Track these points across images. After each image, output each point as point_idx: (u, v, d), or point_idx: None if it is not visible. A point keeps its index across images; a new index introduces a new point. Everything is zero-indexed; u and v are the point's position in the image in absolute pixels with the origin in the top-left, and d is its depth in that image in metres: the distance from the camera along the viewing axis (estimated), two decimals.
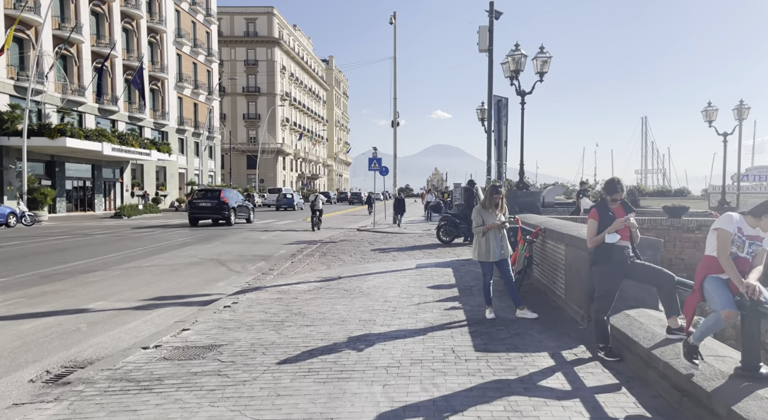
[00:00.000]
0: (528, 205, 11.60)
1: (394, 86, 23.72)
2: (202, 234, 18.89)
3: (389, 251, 13.68)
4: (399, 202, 22.58)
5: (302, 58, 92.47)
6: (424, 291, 8.11)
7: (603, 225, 4.48)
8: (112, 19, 38.58)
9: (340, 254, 13.14)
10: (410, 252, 13.52)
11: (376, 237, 17.65)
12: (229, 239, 16.80)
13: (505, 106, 11.48)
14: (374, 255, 13.02)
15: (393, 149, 23.38)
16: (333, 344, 5.26)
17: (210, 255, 12.98)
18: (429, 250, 13.95)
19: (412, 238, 16.99)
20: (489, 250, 6.17)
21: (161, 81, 45.93)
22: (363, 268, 10.75)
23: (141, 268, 10.89)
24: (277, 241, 16.16)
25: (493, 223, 6.15)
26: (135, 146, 35.80)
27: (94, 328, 6.37)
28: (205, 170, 55.38)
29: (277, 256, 12.93)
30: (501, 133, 11.40)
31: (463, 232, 15.00)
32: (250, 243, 15.69)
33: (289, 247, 14.87)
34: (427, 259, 12.19)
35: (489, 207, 6.23)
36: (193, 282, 9.55)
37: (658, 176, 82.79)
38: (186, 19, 50.82)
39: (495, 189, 6.25)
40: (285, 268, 11.02)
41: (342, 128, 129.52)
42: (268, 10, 78.92)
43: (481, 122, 19.51)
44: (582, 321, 5.77)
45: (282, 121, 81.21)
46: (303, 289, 8.44)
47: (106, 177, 38.16)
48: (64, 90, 33.54)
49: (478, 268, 10.65)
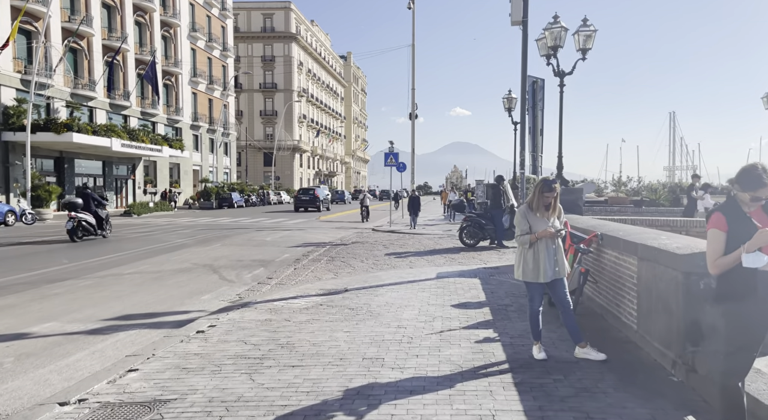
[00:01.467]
0: (568, 204, 9.90)
1: (413, 75, 22.13)
2: (204, 235, 17.58)
3: (405, 256, 12.12)
4: (413, 201, 20.04)
5: (320, 53, 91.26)
6: (448, 311, 6.54)
7: (736, 239, 2.85)
8: (124, 11, 37.66)
9: (350, 259, 11.62)
10: (429, 257, 11.94)
11: (392, 239, 16.10)
12: (231, 241, 15.42)
13: (541, 88, 9.83)
14: (388, 260, 11.48)
15: (411, 143, 21.80)
16: (321, 404, 3.72)
17: (204, 259, 11.58)
18: (451, 254, 12.35)
19: (432, 241, 15.40)
20: (538, 268, 4.56)
21: (175, 76, 45.01)
22: (374, 277, 9.22)
23: (120, 277, 9.52)
24: (282, 244, 14.71)
25: (544, 231, 4.53)
26: (146, 142, 34.83)
27: (21, 364, 4.94)
28: (220, 167, 54.49)
29: (279, 262, 11.47)
30: (536, 121, 9.76)
31: (489, 234, 13.35)
32: (253, 245, 14.27)
33: (294, 250, 13.41)
34: (449, 266, 10.60)
35: (537, 209, 4.61)
36: (174, 294, 8.12)
37: (688, 173, 79.54)
38: (200, 12, 49.86)
39: (547, 185, 4.61)
40: (285, 277, 9.54)
41: (360, 125, 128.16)
42: (285, 5, 77.81)
43: (508, 112, 17.81)
44: (674, 370, 4.13)
45: (299, 117, 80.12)
46: (299, 306, 6.94)
47: (118, 174, 37.32)
48: (74, 84, 32.69)
49: (512, 279, 9.06)
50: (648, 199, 17.80)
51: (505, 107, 17.56)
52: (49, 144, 28.64)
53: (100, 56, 35.11)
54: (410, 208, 20.00)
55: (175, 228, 20.36)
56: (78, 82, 33.06)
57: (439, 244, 14.70)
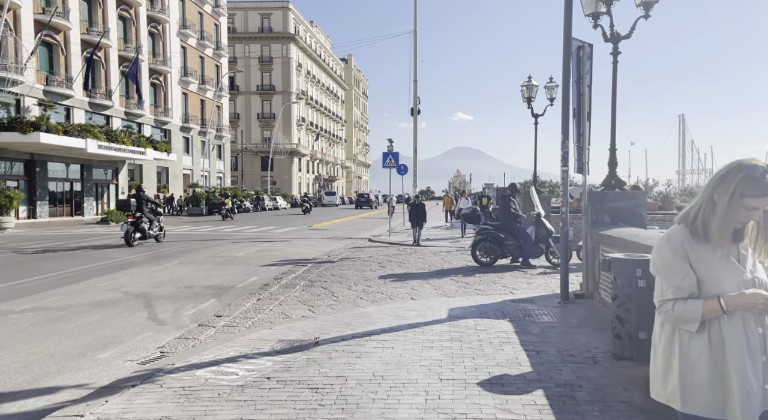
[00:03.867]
0: (625, 213, 7.28)
1: (415, 65, 19.53)
2: (166, 249, 14.94)
3: (406, 280, 9.46)
4: (416, 210, 15.67)
5: (319, 55, 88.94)
6: (475, 400, 3.88)
7: None
8: (106, 5, 35.23)
9: (333, 284, 8.98)
10: (436, 281, 9.29)
11: (390, 254, 13.44)
12: (193, 257, 12.74)
13: (589, 57, 7.23)
14: (383, 286, 8.84)
15: (413, 142, 19.17)
16: None
17: (143, 286, 8.93)
18: (464, 277, 9.69)
19: (438, 257, 12.73)
20: (727, 386, 1.85)
21: (164, 75, 42.56)
22: (361, 316, 6.58)
23: (5, 317, 6.87)
24: (255, 261, 12.04)
25: (750, 295, 1.84)
26: (127, 144, 32.28)
27: None
28: (213, 171, 51.94)
29: (241, 288, 8.82)
30: (583, 100, 7.14)
31: (510, 250, 10.68)
32: (217, 263, 11.60)
33: (266, 270, 10.76)
34: (464, 296, 7.96)
35: (719, 237, 1.91)
36: (61, 349, 5.49)
37: (700, 177, 76.77)
38: (192, 9, 47.49)
39: (756, 181, 1.90)
40: (240, 314, 6.92)
41: (361, 129, 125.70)
42: (283, 5, 75.58)
43: (527, 102, 15.17)
44: None
45: (298, 120, 77.69)
46: (234, 381, 4.30)
47: (98, 178, 34.77)
48: (48, 81, 30.21)
49: (559, 324, 6.40)
50: None
51: (523, 98, 14.91)
52: (16, 145, 26.12)
53: (79, 52, 32.66)
54: (412, 218, 15.68)
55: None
56: (53, 79, 30.59)
57: (447, 261, 12.04)
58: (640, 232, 6.29)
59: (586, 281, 7.62)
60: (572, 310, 6.80)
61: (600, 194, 7.54)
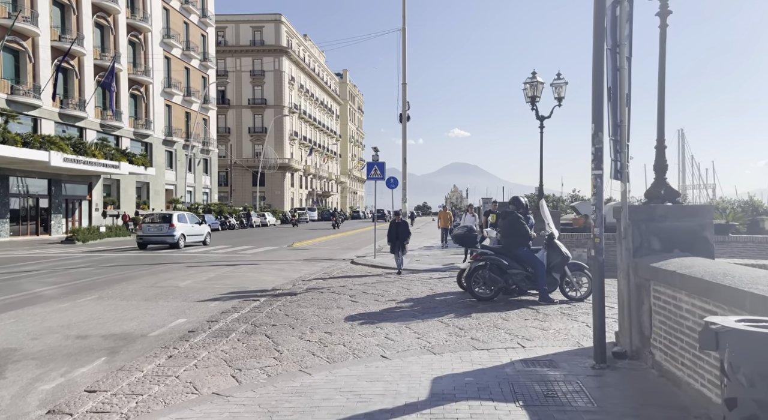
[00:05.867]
0: (683, 236, 5.10)
1: (403, 66, 17.48)
2: (96, 277, 12.63)
3: (381, 321, 7.19)
4: (397, 230, 12.44)
5: (313, 69, 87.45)
6: None
7: None
8: (81, 11, 33.37)
9: (282, 331, 6.71)
10: (421, 324, 7.03)
11: (369, 282, 11.15)
12: (121, 289, 10.34)
13: (628, 18, 5.05)
14: (348, 333, 6.57)
15: (402, 152, 17.02)
16: None
17: (17, 337, 6.60)
18: (457, 317, 7.44)
19: (426, 286, 10.47)
20: None
21: (145, 86, 40.61)
22: (300, 393, 4.34)
23: None
24: (196, 294, 9.73)
25: None
26: (98, 157, 30.10)
27: None
28: (198, 187, 49.75)
29: (155, 337, 6.54)
30: (621, 76, 4.96)
31: (516, 281, 8.44)
32: (146, 298, 9.27)
33: (204, 307, 8.47)
34: (456, 348, 5.72)
35: None
36: None
37: (703, 192, 74.79)
38: (177, 18, 45.75)
39: None
40: (125, 388, 4.68)
41: (357, 144, 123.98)
42: (275, 18, 74.26)
43: (531, 103, 13.03)
44: None
45: (290, 134, 75.81)
46: None
47: (70, 194, 32.50)
48: (11, 90, 28.13)
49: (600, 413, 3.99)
50: (724, 223, 12.95)
51: (526, 97, 12.75)
52: None
53: (49, 59, 30.66)
54: (392, 241, 12.50)
55: (79, 264, 15.27)
56: (18, 89, 28.51)
57: (435, 290, 9.78)
58: (726, 268, 4.08)
59: (627, 332, 5.39)
60: (616, 383, 4.56)
61: (646, 210, 5.34)
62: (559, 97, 12.88)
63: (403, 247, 12.46)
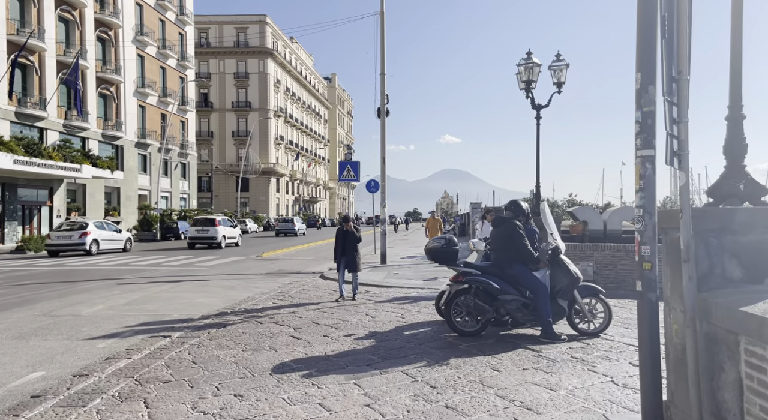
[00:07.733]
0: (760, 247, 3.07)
1: (382, 54, 15.47)
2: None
3: (320, 374, 5.07)
4: (344, 241, 9.38)
5: (300, 72, 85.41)
6: None
7: None
8: (42, 4, 31.10)
9: (171, 395, 4.58)
10: (376, 379, 4.93)
11: (325, 307, 8.99)
12: (6, 317, 8.19)
13: None
14: (268, 397, 4.45)
15: (381, 151, 14.99)
16: None
17: None
18: (429, 367, 5.34)
19: (396, 312, 8.37)
20: None
21: (115, 85, 38.31)
22: None
23: None
24: (92, 327, 7.55)
25: None
26: (56, 159, 27.76)
27: None
28: (175, 192, 47.36)
29: None
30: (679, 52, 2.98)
31: (509, 310, 6.38)
32: (16, 336, 7.06)
33: (86, 349, 6.33)
34: None
35: None
36: None
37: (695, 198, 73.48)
38: (151, 15, 43.53)
39: None
40: None
41: (346, 149, 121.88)
42: (260, 19, 72.22)
43: (526, 91, 11.01)
44: None
45: (276, 138, 73.61)
46: None
47: (27, 199, 30.08)
48: None
49: None
50: None
51: (520, 82, 10.73)
52: None
53: (5, 54, 28.36)
54: (337, 255, 9.46)
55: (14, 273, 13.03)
56: None
57: (407, 319, 7.69)
58: None
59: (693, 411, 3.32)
60: None
61: (718, 215, 3.30)
62: (558, 82, 10.89)
63: (355, 263, 9.30)
